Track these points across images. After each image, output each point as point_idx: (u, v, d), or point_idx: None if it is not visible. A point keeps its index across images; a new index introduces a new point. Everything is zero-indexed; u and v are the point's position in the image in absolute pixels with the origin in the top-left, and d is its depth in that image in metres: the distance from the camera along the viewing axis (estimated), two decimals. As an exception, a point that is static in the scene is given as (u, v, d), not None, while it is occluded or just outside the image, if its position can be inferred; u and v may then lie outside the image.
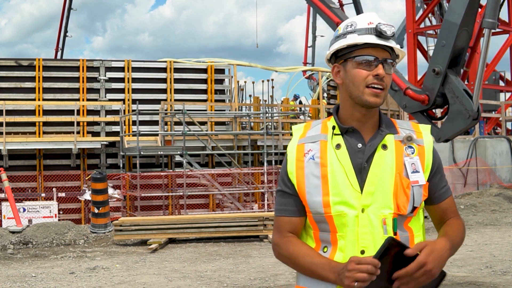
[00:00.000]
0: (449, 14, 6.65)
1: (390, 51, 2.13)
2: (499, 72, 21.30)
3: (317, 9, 8.13)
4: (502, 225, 12.59)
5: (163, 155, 18.17)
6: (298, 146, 2.19)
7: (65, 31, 33.09)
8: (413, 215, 2.13)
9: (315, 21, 33.74)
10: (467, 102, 6.43)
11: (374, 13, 2.21)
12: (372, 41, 2.09)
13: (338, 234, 2.09)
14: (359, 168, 2.10)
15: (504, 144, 18.13)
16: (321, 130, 2.19)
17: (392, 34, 2.11)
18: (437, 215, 2.25)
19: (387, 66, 2.11)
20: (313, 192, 2.11)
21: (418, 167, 2.13)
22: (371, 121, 2.16)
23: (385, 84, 2.10)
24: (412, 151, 2.15)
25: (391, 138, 2.16)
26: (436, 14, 20.52)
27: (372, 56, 2.10)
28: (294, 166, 2.17)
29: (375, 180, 2.09)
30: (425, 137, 2.21)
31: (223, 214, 15.18)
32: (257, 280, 8.18)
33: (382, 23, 2.12)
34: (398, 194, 2.08)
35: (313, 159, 2.14)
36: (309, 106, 21.75)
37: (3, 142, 16.79)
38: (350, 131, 2.15)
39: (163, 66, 19.30)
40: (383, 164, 2.11)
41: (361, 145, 2.13)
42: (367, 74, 2.10)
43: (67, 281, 8.33)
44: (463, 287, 7.38)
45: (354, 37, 2.12)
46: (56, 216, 15.25)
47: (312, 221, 2.15)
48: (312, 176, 2.12)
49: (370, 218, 2.07)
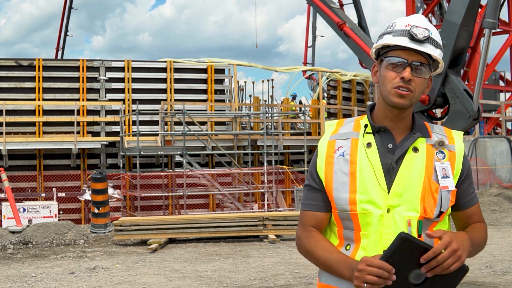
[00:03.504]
0: (449, 14, 6.66)
1: (426, 55, 2.11)
2: (499, 72, 21.31)
3: (318, 9, 8.14)
4: (502, 225, 12.59)
5: (163, 155, 18.17)
6: (329, 142, 2.20)
7: (66, 30, 33.04)
8: (439, 220, 2.13)
9: (315, 21, 33.70)
10: (468, 102, 6.43)
11: (420, 15, 2.20)
12: (403, 44, 2.09)
13: (362, 232, 2.10)
14: (388, 168, 2.10)
15: (504, 144, 18.13)
16: (353, 128, 2.21)
17: (424, 37, 2.09)
18: (461, 221, 2.25)
19: (419, 70, 2.10)
20: (340, 189, 2.12)
21: (449, 173, 2.13)
22: (404, 122, 2.16)
23: (413, 87, 2.09)
24: (443, 156, 2.15)
25: (423, 141, 2.16)
26: (436, 14, 20.54)
27: (401, 59, 2.10)
28: (324, 162, 2.18)
29: (403, 182, 2.09)
30: (457, 143, 2.21)
31: (223, 214, 15.18)
32: (257, 280, 8.17)
33: (416, 26, 2.10)
34: (426, 197, 2.08)
35: (343, 156, 2.15)
36: (309, 106, 21.75)
37: (3, 142, 16.78)
38: (382, 131, 2.16)
39: (163, 66, 19.29)
40: (412, 166, 2.11)
41: (392, 145, 2.13)
42: (395, 75, 2.10)
43: (67, 281, 8.33)
44: (463, 287, 7.38)
45: (389, 38, 2.13)
46: (56, 216, 15.24)
47: (337, 218, 2.16)
48: (341, 173, 2.13)
49: (395, 218, 2.07)
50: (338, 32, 8.57)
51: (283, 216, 11.85)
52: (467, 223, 2.25)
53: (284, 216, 11.84)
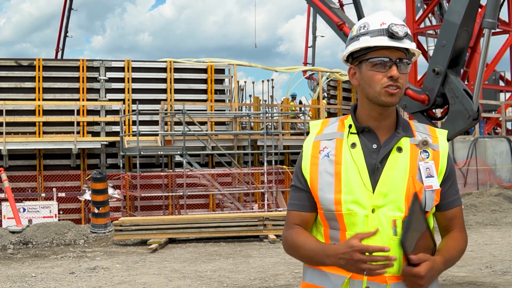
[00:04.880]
0: (449, 14, 6.65)
1: (405, 50, 2.13)
2: (499, 72, 21.31)
3: (317, 9, 8.14)
4: (502, 225, 12.59)
5: (163, 155, 18.17)
6: (314, 143, 2.21)
7: (66, 31, 33.07)
8: None
9: (315, 21, 33.71)
10: (467, 102, 6.43)
11: (388, 12, 2.21)
12: (385, 44, 2.10)
13: (348, 232, 2.11)
14: (372, 169, 2.11)
15: (504, 144, 18.13)
16: (337, 128, 2.21)
17: (404, 34, 2.11)
18: (443, 223, 2.25)
19: (402, 66, 2.12)
20: (326, 189, 2.13)
21: (433, 172, 2.14)
22: (388, 121, 2.18)
23: (401, 84, 2.11)
24: (427, 155, 2.15)
25: (406, 141, 2.17)
26: (436, 14, 20.54)
27: (386, 58, 2.11)
28: (309, 162, 2.19)
29: (388, 182, 2.10)
30: (441, 142, 2.21)
31: (223, 214, 15.18)
32: (257, 280, 8.18)
33: (394, 24, 2.12)
34: (410, 197, 2.09)
35: (328, 157, 2.16)
36: (309, 106, 21.75)
37: (3, 142, 16.78)
38: (366, 131, 2.16)
39: (163, 66, 19.30)
40: (396, 166, 2.12)
41: (376, 145, 2.14)
42: (382, 75, 2.11)
43: (67, 281, 8.33)
44: (463, 287, 7.38)
45: (367, 40, 2.13)
46: (56, 216, 15.24)
47: (323, 218, 2.17)
48: (326, 173, 2.14)
49: (380, 218, 2.08)
50: (338, 32, 8.57)
51: (283, 216, 11.85)
52: (448, 228, 2.25)
53: (284, 216, 11.84)
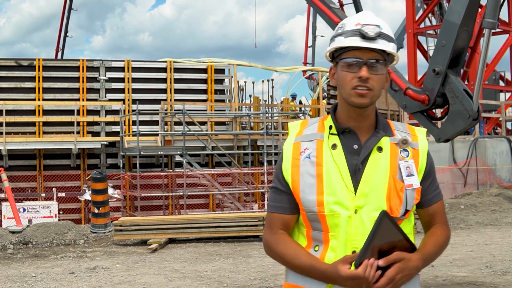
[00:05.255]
0: (449, 14, 6.65)
1: (380, 51, 2.11)
2: (499, 72, 21.28)
3: (317, 9, 8.13)
4: (502, 225, 12.58)
5: (163, 155, 18.17)
6: (294, 144, 2.20)
7: (66, 31, 33.08)
8: (405, 217, 2.15)
9: (315, 21, 33.72)
10: (467, 102, 6.42)
11: (368, 12, 2.20)
12: (355, 44, 2.10)
13: (330, 233, 2.11)
14: (354, 169, 2.11)
15: (504, 144, 18.11)
16: (317, 129, 2.20)
17: (376, 34, 2.09)
18: (425, 219, 2.27)
19: (376, 67, 2.11)
20: (308, 191, 2.12)
21: (413, 171, 2.14)
22: (367, 121, 2.17)
23: (371, 85, 2.10)
24: (407, 154, 2.16)
25: (386, 140, 2.17)
26: (436, 14, 20.52)
27: (356, 59, 2.10)
28: (290, 164, 2.18)
29: (369, 182, 2.10)
30: (420, 140, 2.22)
31: (223, 214, 15.17)
32: (257, 280, 8.18)
33: (366, 24, 2.11)
34: (391, 196, 2.10)
35: (309, 158, 2.15)
36: (309, 106, 21.75)
37: (3, 142, 16.78)
38: (347, 132, 2.16)
39: (163, 66, 19.30)
40: (377, 166, 2.12)
41: (357, 146, 2.14)
42: (352, 76, 2.11)
43: (67, 281, 8.33)
44: (463, 287, 7.38)
45: (341, 40, 2.14)
46: (56, 216, 15.25)
47: (305, 219, 2.16)
48: (307, 175, 2.13)
49: (363, 219, 2.08)
50: (338, 32, 8.55)
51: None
52: (430, 223, 2.26)
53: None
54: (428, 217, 2.25)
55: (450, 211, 13.66)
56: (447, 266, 8.58)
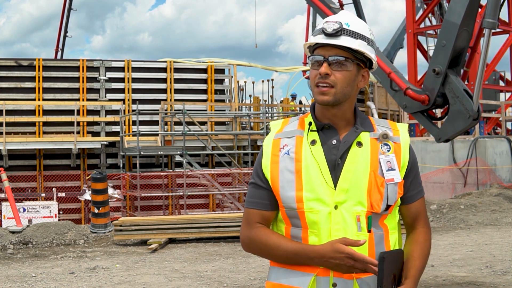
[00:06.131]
0: (449, 14, 6.65)
1: (346, 48, 2.10)
2: (499, 72, 21.28)
3: (317, 9, 8.13)
4: (502, 225, 12.58)
5: (163, 155, 18.17)
6: (274, 141, 2.20)
7: (65, 31, 33.09)
8: (388, 212, 2.13)
9: (315, 21, 33.65)
10: (467, 102, 6.43)
11: (344, 12, 2.22)
12: (318, 41, 2.12)
13: (310, 230, 2.09)
14: (333, 165, 2.10)
15: (504, 144, 18.11)
16: (297, 126, 2.21)
17: (335, 31, 2.08)
18: (407, 218, 2.24)
19: (340, 64, 2.09)
20: (287, 187, 2.12)
21: (394, 165, 2.12)
22: (345, 118, 2.16)
23: (332, 82, 2.09)
24: (388, 148, 2.14)
25: (366, 135, 2.16)
26: (436, 14, 20.52)
27: (319, 56, 2.12)
28: (269, 161, 2.17)
29: (349, 177, 2.09)
30: (402, 134, 2.20)
31: (223, 214, 15.17)
32: (257, 280, 8.18)
33: (328, 21, 2.12)
34: (372, 192, 2.08)
35: (288, 154, 2.14)
36: (309, 106, 21.75)
37: (3, 142, 16.79)
38: (326, 128, 2.16)
39: (163, 66, 19.30)
40: (357, 161, 2.11)
41: (336, 141, 2.13)
42: (315, 73, 2.12)
43: (67, 281, 8.33)
44: (463, 287, 7.38)
45: (311, 39, 2.16)
46: (56, 216, 15.25)
47: (285, 215, 2.15)
48: (286, 171, 2.13)
49: (343, 215, 2.07)
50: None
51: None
52: (413, 225, 2.24)
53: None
54: (411, 218, 2.23)
55: (450, 211, 13.66)
56: (447, 266, 8.59)
